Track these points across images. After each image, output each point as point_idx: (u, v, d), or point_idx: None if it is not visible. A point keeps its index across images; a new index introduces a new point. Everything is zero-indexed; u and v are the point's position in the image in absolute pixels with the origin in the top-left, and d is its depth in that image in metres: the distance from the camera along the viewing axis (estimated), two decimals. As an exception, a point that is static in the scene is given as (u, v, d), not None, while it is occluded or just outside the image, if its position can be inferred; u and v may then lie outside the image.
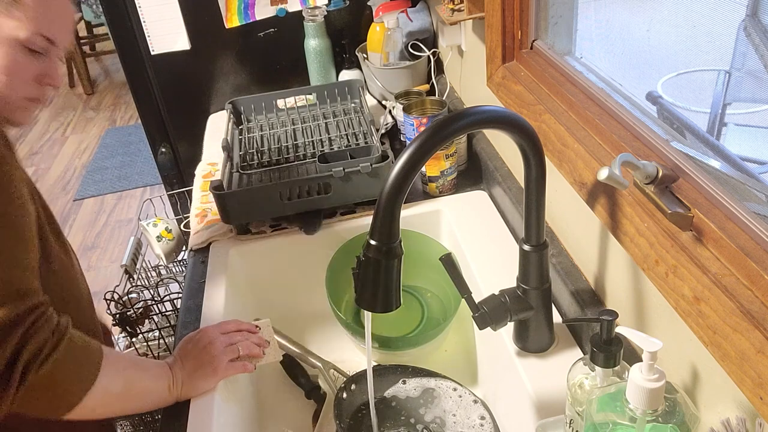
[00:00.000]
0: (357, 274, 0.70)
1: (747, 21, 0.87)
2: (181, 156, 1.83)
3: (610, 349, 0.69)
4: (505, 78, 1.11)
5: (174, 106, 1.76)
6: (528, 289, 0.84)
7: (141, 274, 1.59)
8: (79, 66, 4.57)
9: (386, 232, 0.67)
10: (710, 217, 0.65)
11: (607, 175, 0.65)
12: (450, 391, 0.98)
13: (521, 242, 0.82)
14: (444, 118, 0.67)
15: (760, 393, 0.54)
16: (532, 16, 1.06)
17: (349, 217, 1.22)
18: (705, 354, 0.62)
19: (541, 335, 0.87)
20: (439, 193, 1.26)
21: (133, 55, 1.67)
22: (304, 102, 1.54)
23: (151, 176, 3.48)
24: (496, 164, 1.22)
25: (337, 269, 1.11)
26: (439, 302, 1.18)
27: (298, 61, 1.69)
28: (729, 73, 0.96)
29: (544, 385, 0.84)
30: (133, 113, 4.23)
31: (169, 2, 1.59)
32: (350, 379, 0.99)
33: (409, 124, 1.28)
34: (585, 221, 0.89)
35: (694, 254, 0.65)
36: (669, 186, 0.70)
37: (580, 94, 0.93)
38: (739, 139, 1.02)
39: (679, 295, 0.65)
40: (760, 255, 0.60)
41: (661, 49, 0.96)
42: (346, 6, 1.69)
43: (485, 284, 1.01)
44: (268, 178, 1.24)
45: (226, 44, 1.68)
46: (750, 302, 0.58)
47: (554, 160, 0.92)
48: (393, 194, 0.65)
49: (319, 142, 1.35)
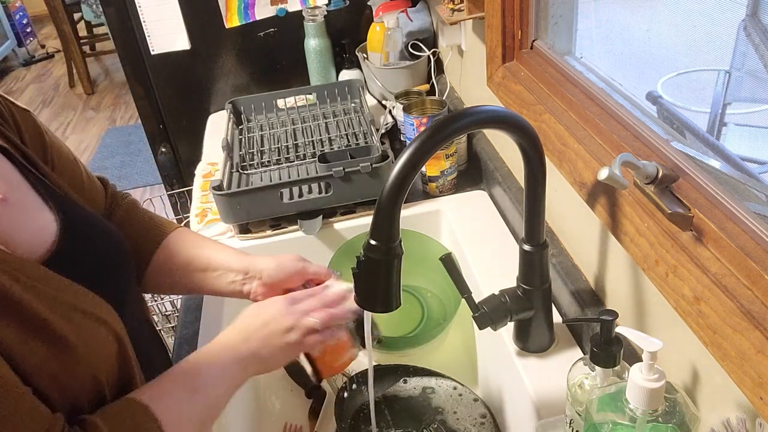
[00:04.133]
0: (357, 274, 0.70)
1: (747, 21, 0.87)
2: (181, 156, 1.83)
3: (610, 349, 0.69)
4: (505, 78, 1.11)
5: (174, 106, 1.76)
6: (528, 289, 0.84)
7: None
8: (79, 66, 4.57)
9: (386, 232, 0.67)
10: (710, 217, 0.65)
11: (607, 175, 0.65)
12: (450, 390, 0.98)
13: (521, 242, 0.82)
14: (444, 118, 0.67)
15: (760, 393, 0.54)
16: (532, 16, 1.06)
17: (349, 217, 1.22)
18: (705, 354, 0.62)
19: (541, 335, 0.87)
20: (439, 193, 1.26)
21: (133, 54, 1.67)
22: (304, 102, 1.54)
23: (151, 176, 3.48)
24: (496, 164, 1.22)
25: (337, 269, 1.10)
26: (439, 302, 1.18)
27: (298, 61, 1.69)
28: (729, 73, 0.96)
29: (544, 385, 0.84)
30: (133, 113, 4.22)
31: (169, 2, 1.59)
32: (351, 378, 0.99)
33: (409, 124, 1.28)
34: (585, 221, 0.89)
35: (694, 254, 0.65)
36: (669, 186, 0.70)
37: (580, 94, 0.93)
38: (739, 139, 1.03)
39: (679, 295, 0.65)
40: (760, 255, 0.60)
41: (661, 49, 0.96)
42: (346, 6, 1.69)
43: (485, 284, 1.01)
44: (268, 178, 1.24)
45: (226, 44, 1.68)
46: (750, 302, 0.58)
47: (554, 160, 0.92)
48: (393, 194, 0.65)
49: (319, 142, 1.35)
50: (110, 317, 0.67)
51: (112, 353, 0.66)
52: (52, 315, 0.60)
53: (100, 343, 0.65)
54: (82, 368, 0.62)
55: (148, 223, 0.91)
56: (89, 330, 0.64)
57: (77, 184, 0.82)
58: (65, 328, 0.61)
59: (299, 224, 1.20)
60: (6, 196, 0.66)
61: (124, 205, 0.91)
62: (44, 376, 0.58)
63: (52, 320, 0.60)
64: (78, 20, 4.53)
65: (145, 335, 0.83)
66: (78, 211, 0.75)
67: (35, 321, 0.59)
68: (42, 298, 0.60)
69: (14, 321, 0.57)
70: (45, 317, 0.59)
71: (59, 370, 0.60)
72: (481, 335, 1.04)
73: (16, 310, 0.58)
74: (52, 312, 0.60)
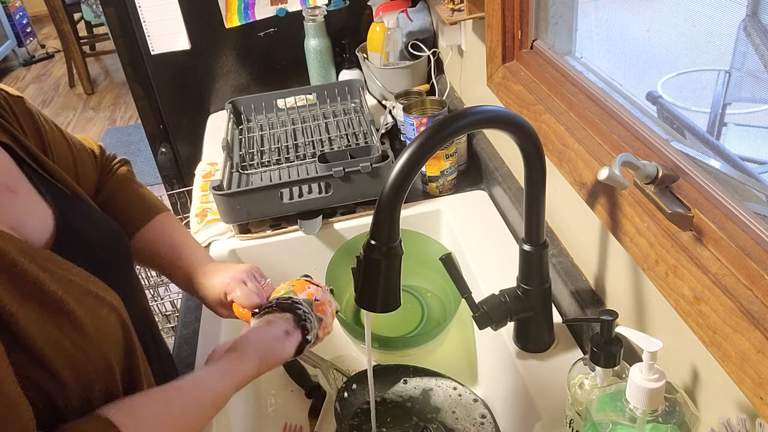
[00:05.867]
0: (357, 274, 0.70)
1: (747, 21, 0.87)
2: (181, 156, 1.83)
3: (610, 349, 0.69)
4: (505, 78, 1.11)
5: (174, 106, 1.76)
6: (528, 289, 0.84)
7: (141, 274, 1.59)
8: (79, 66, 4.57)
9: (386, 232, 0.67)
10: (710, 217, 0.65)
11: (607, 175, 0.65)
12: (450, 390, 0.98)
13: (521, 242, 0.82)
14: (444, 118, 0.67)
15: (760, 393, 0.54)
16: (532, 16, 1.06)
17: (349, 217, 1.22)
18: (705, 354, 0.62)
19: (541, 335, 0.87)
20: (439, 193, 1.26)
21: (133, 54, 1.67)
22: (304, 102, 1.54)
23: (151, 176, 3.47)
24: (496, 164, 1.22)
25: (337, 269, 1.11)
26: (439, 302, 1.18)
27: (298, 61, 1.69)
28: (729, 73, 0.95)
29: (544, 385, 0.84)
30: (133, 113, 4.23)
31: (169, 2, 1.59)
32: (351, 379, 0.99)
33: (409, 124, 1.28)
34: (585, 221, 0.89)
35: (694, 254, 0.65)
36: (669, 186, 0.70)
37: (580, 94, 0.93)
38: (739, 139, 1.02)
39: (679, 295, 0.65)
40: (760, 255, 0.60)
41: (661, 49, 0.95)
42: (346, 6, 1.69)
43: (485, 284, 1.01)
44: (268, 178, 1.24)
45: (226, 44, 1.68)
46: (750, 302, 0.58)
47: (554, 160, 0.92)
48: (393, 194, 0.65)
49: (319, 142, 1.35)
50: (117, 303, 0.68)
51: (120, 339, 0.67)
52: (66, 297, 0.61)
53: (111, 327, 0.66)
54: (95, 350, 0.62)
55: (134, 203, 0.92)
56: (100, 313, 0.65)
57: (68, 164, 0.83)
58: (79, 310, 0.61)
59: (299, 224, 1.20)
60: (15, 188, 0.68)
61: (114, 180, 0.92)
62: (59, 357, 0.59)
63: (67, 301, 0.60)
64: (78, 20, 4.53)
65: (145, 325, 0.83)
66: (74, 203, 0.76)
67: (52, 302, 0.59)
68: (57, 280, 0.61)
69: (33, 301, 0.58)
70: (61, 298, 0.60)
71: (74, 352, 0.60)
72: (481, 335, 1.04)
73: (35, 291, 0.59)
74: (67, 294, 0.61)
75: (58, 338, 0.59)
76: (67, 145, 0.84)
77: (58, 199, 0.72)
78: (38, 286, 0.59)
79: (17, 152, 0.71)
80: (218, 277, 0.88)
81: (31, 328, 0.57)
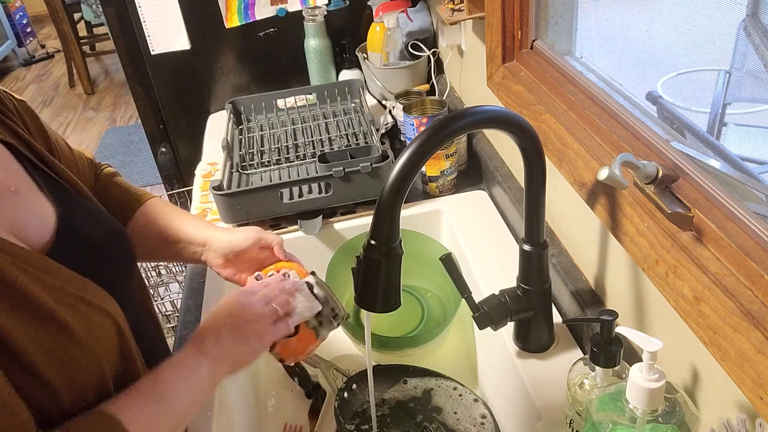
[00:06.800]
0: (357, 274, 0.70)
1: (747, 21, 0.87)
2: (181, 156, 1.83)
3: (610, 349, 0.69)
4: (505, 78, 1.11)
5: (174, 105, 1.76)
6: (528, 289, 0.84)
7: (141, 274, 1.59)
8: (79, 66, 4.57)
9: (386, 232, 0.67)
10: (710, 217, 0.65)
11: (607, 175, 0.66)
12: (450, 390, 0.98)
13: (521, 242, 0.82)
14: (444, 118, 0.67)
15: (760, 393, 0.54)
16: (532, 16, 1.06)
17: (349, 217, 1.22)
18: (705, 354, 0.62)
19: (541, 335, 0.87)
20: (439, 193, 1.26)
21: (133, 54, 1.67)
22: (304, 102, 1.54)
23: (151, 176, 3.48)
24: (496, 164, 1.22)
25: (337, 269, 1.10)
26: (439, 302, 1.18)
27: (298, 61, 1.69)
28: (729, 73, 0.96)
29: (544, 385, 0.84)
30: (133, 113, 4.23)
31: (169, 2, 1.59)
32: (351, 379, 0.99)
33: (409, 124, 1.28)
34: (585, 221, 0.89)
35: (694, 254, 0.65)
36: (669, 186, 0.70)
37: (580, 94, 0.93)
38: (739, 139, 1.03)
39: (679, 295, 0.65)
40: (760, 255, 0.60)
41: (661, 49, 0.96)
42: (346, 6, 1.69)
43: (485, 284, 1.01)
44: (268, 178, 1.24)
45: (226, 44, 1.68)
46: (750, 302, 0.58)
47: (554, 160, 0.92)
48: (393, 194, 0.65)
49: (319, 142, 1.35)
50: (112, 308, 0.67)
51: (114, 345, 0.67)
52: (58, 306, 0.61)
53: (105, 334, 0.65)
54: (88, 358, 0.62)
55: (122, 196, 0.94)
56: (94, 320, 0.64)
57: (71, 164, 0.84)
58: (71, 318, 0.61)
59: (299, 224, 1.20)
60: (17, 188, 0.67)
61: (102, 179, 0.94)
62: (51, 366, 0.59)
63: (58, 311, 0.60)
64: (78, 20, 4.53)
65: (147, 326, 0.83)
66: (79, 203, 0.76)
67: (42, 312, 0.59)
68: (48, 290, 0.61)
69: (21, 312, 0.58)
70: (51, 308, 0.60)
71: (66, 360, 0.60)
72: (481, 335, 1.04)
73: (24, 302, 0.58)
74: (58, 303, 0.61)
75: (50, 347, 0.59)
76: (68, 149, 0.86)
77: (62, 198, 0.72)
78: (28, 296, 0.59)
79: (21, 151, 0.71)
80: (239, 231, 0.92)
81: (21, 338, 0.57)
